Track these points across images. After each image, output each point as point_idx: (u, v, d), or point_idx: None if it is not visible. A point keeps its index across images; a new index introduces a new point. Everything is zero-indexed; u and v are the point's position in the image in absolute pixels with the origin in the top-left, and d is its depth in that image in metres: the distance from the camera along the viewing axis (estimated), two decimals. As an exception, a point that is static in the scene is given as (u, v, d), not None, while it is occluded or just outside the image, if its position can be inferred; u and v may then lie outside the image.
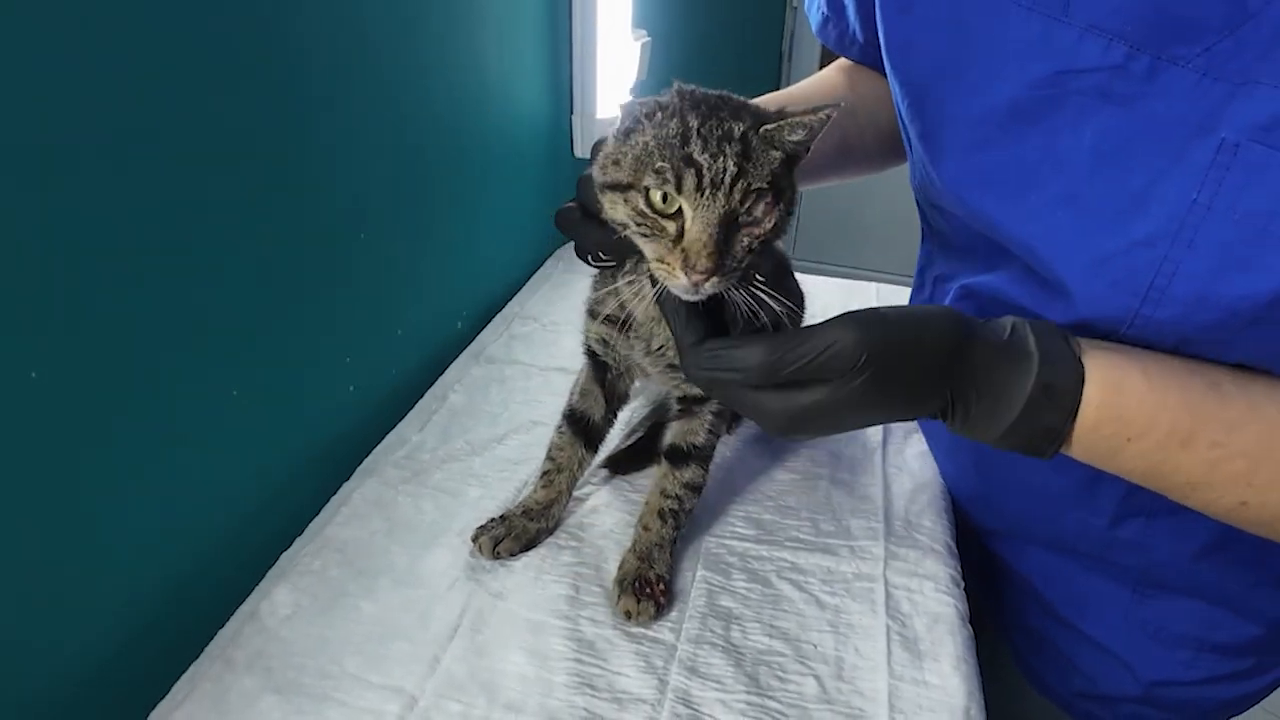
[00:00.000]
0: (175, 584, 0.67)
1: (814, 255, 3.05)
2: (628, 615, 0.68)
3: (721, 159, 0.52)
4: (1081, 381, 0.51)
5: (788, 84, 3.18)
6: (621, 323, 0.69)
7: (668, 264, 0.53)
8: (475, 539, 0.74)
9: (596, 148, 0.58)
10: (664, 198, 0.53)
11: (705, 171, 0.51)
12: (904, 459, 0.88)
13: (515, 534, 0.74)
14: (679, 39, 1.78)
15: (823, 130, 0.54)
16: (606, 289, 0.69)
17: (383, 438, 0.87)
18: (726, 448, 0.86)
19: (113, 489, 0.60)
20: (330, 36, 0.74)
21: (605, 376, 0.76)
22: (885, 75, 0.70)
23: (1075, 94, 0.53)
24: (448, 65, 0.94)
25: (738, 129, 0.53)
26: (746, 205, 0.53)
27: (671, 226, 0.53)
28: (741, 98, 0.58)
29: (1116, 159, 0.52)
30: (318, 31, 0.72)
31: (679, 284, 0.53)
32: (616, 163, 0.55)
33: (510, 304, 1.13)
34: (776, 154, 0.54)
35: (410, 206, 0.91)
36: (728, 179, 0.52)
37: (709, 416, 0.74)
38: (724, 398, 0.57)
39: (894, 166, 0.88)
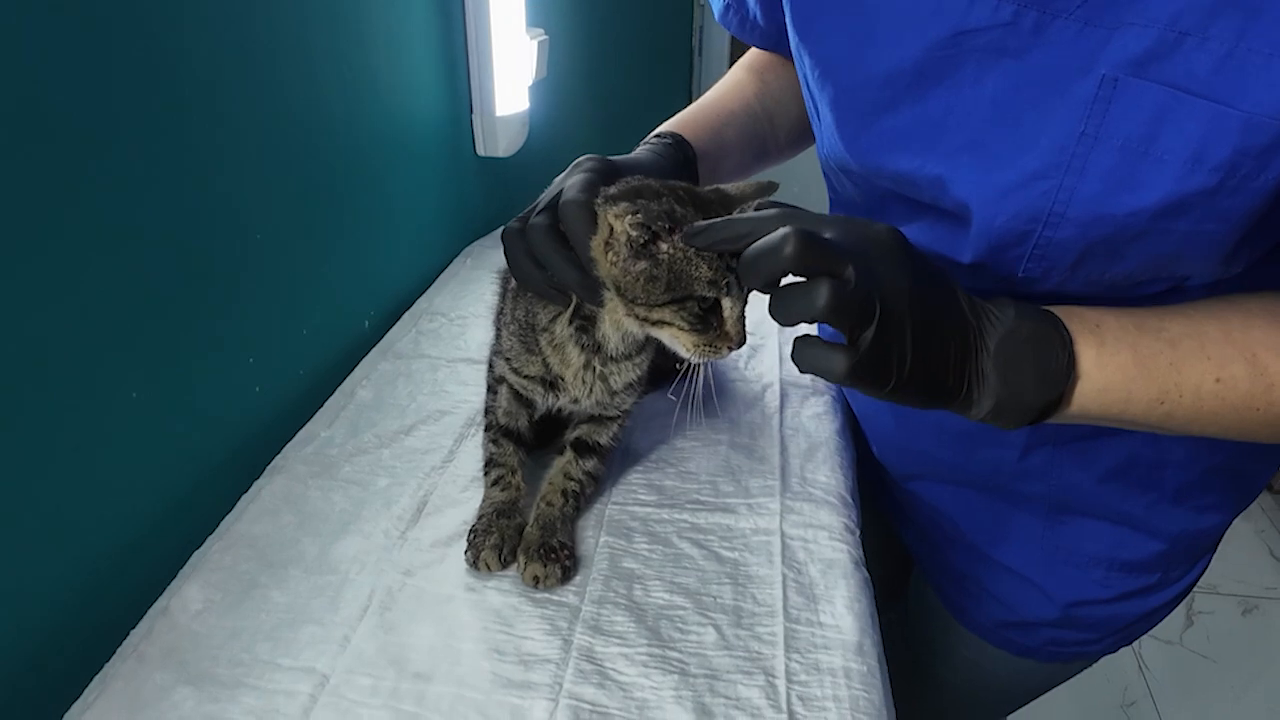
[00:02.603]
0: (83, 591, 0.67)
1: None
2: (535, 581, 0.71)
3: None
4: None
5: (699, 78, 3.17)
6: (544, 380, 0.76)
7: (714, 346, 0.63)
8: (474, 561, 0.72)
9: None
10: (706, 300, 0.61)
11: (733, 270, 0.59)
12: (800, 420, 0.93)
13: (508, 537, 0.73)
14: (582, 36, 1.80)
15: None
16: (529, 351, 0.75)
17: (292, 436, 0.89)
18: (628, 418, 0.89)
19: (11, 499, 0.61)
20: (211, 40, 0.75)
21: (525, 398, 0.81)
22: (787, 58, 0.73)
23: (972, 52, 0.58)
24: (338, 67, 0.95)
25: None
26: None
27: (713, 319, 0.62)
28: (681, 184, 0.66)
29: (1012, 105, 0.57)
30: (200, 38, 0.73)
31: (720, 357, 0.63)
32: (652, 279, 0.60)
33: (418, 301, 1.15)
34: None
35: (307, 209, 0.92)
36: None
37: (615, 426, 0.81)
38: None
39: (805, 150, 0.93)
